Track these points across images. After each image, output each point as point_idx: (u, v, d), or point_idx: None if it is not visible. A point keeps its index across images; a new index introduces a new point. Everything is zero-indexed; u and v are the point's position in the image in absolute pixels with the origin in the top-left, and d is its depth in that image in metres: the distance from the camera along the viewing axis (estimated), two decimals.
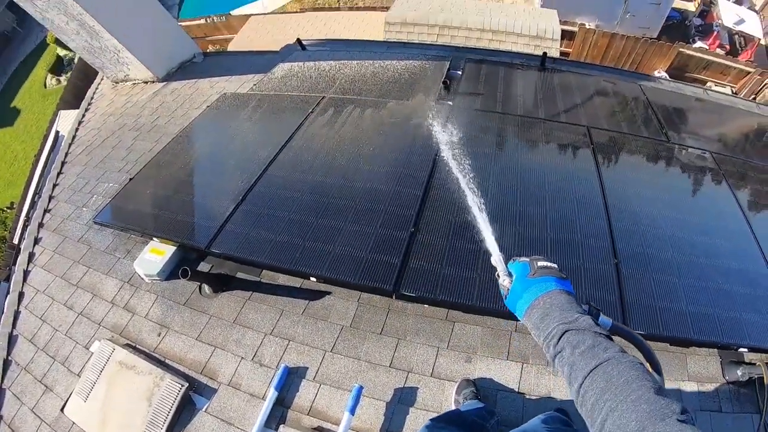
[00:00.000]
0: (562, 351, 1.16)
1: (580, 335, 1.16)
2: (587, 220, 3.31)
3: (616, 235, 3.20)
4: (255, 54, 7.20)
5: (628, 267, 2.97)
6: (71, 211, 4.77)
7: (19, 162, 23.75)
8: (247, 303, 3.37)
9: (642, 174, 3.94)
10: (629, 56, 12.42)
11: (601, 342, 1.13)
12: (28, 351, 3.74)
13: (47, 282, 4.13)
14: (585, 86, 5.19)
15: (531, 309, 1.29)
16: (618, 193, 3.59)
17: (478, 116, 4.50)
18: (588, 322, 1.19)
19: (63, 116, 12.46)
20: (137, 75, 6.86)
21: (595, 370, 1.07)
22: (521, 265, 1.39)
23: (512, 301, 1.37)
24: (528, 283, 1.32)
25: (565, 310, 1.23)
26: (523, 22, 9.83)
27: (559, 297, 1.27)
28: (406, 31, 10.24)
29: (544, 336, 1.22)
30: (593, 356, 1.10)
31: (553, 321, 1.22)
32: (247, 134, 4.62)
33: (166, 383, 3.03)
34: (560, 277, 1.33)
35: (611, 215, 3.35)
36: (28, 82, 27.96)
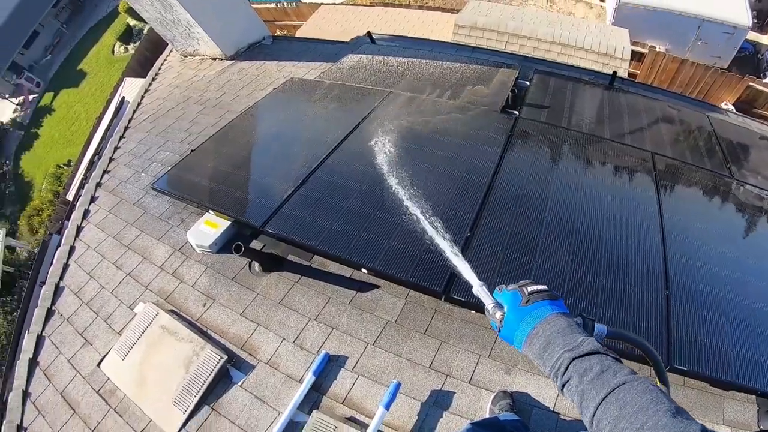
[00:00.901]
0: (570, 380, 1.11)
1: (587, 361, 1.10)
2: (642, 246, 3.22)
3: (670, 265, 3.09)
4: (324, 42, 7.24)
5: (678, 299, 2.87)
6: (130, 174, 4.88)
7: (81, 122, 24.52)
8: (295, 286, 3.37)
9: (701, 207, 3.82)
10: (697, 84, 12.05)
11: (609, 366, 1.07)
12: (72, 303, 3.83)
13: (99, 240, 4.23)
14: (651, 110, 5.05)
15: (530, 339, 1.23)
16: (676, 223, 3.47)
17: (544, 129, 4.42)
18: (593, 344, 1.13)
19: (128, 83, 12.82)
20: (206, 51, 6.99)
21: (607, 398, 1.00)
22: (511, 294, 1.32)
23: (508, 333, 1.29)
24: (522, 313, 1.26)
25: (567, 334, 1.17)
26: (594, 38, 9.67)
27: (557, 322, 1.21)
28: (475, 36, 10.17)
29: (550, 366, 1.16)
30: (603, 383, 1.04)
31: (556, 349, 1.16)
32: (312, 120, 4.65)
33: (206, 353, 3.06)
34: (553, 299, 1.27)
35: (667, 245, 3.24)
36: (96, 47, 28.83)
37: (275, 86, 5.66)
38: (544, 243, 3.17)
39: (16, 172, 26.45)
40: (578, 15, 16.12)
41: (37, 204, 18.98)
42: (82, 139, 17.30)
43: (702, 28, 13.32)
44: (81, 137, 20.10)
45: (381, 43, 6.67)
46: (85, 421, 3.10)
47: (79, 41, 30.42)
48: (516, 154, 4.02)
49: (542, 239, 3.19)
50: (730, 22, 12.95)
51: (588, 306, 2.78)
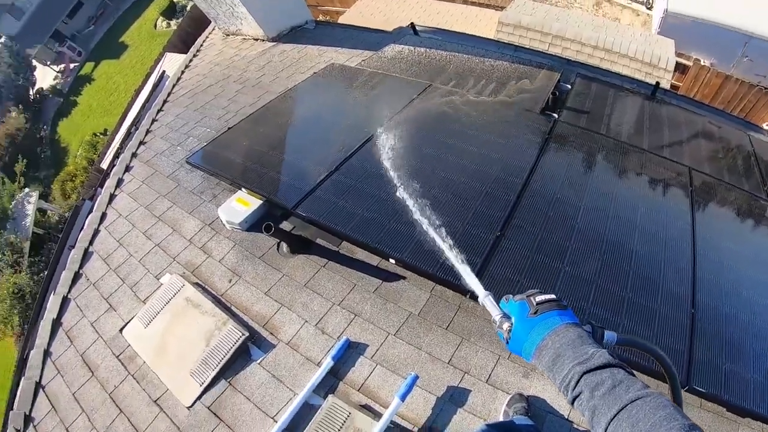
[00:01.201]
0: (581, 394, 1.07)
1: (599, 375, 1.06)
2: (672, 262, 3.15)
3: (699, 284, 3.01)
4: (366, 30, 7.23)
5: (704, 320, 2.80)
6: (165, 147, 4.95)
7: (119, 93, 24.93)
8: (321, 270, 3.38)
9: (735, 227, 3.74)
10: (740, 102, 11.76)
11: (621, 381, 1.03)
12: (100, 269, 3.90)
13: (131, 209, 4.30)
14: (692, 124, 4.94)
15: (540, 351, 1.19)
16: (708, 242, 3.39)
17: (582, 134, 4.35)
18: (604, 356, 1.09)
19: (168, 58, 12.97)
20: (248, 31, 7.02)
21: (619, 415, 0.97)
22: (518, 305, 1.29)
23: (516, 345, 1.27)
24: (531, 324, 1.23)
25: (577, 346, 1.14)
26: (638, 46, 9.48)
27: (567, 333, 1.18)
28: (518, 35, 10.05)
29: (560, 379, 1.13)
30: (615, 399, 1.00)
31: (566, 362, 1.12)
32: (350, 106, 4.65)
33: (228, 329, 3.09)
34: (562, 309, 1.24)
35: (697, 263, 3.16)
36: (138, 21, 29.27)
37: (315, 70, 5.67)
38: (574, 249, 3.12)
39: (52, 137, 27.01)
40: (624, 21, 15.83)
41: (71, 170, 19.37)
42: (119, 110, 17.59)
43: (749, 44, 13.01)
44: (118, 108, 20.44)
45: (424, 35, 6.62)
46: (102, 384, 3.16)
47: (122, 14, 30.91)
48: (552, 157, 3.97)
49: (572, 245, 3.15)
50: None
51: (612, 317, 2.74)
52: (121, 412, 2.99)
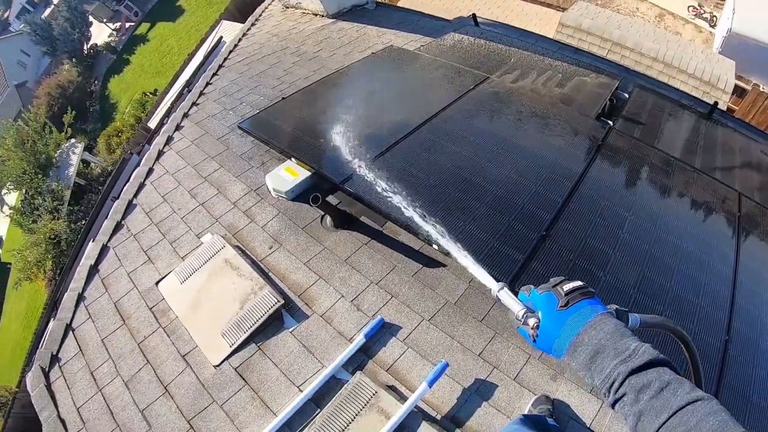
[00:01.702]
0: (625, 396, 0.98)
1: (644, 377, 0.96)
2: (711, 286, 3.08)
3: (736, 312, 2.94)
4: (426, 17, 7.17)
5: (737, 348, 2.73)
6: (218, 111, 5.00)
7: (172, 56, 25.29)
8: (362, 247, 3.39)
9: None
10: None
11: (669, 382, 0.95)
12: (142, 222, 3.98)
13: (178, 167, 4.36)
14: (746, 150, 4.81)
15: (574, 348, 1.08)
16: (751, 271, 3.30)
17: (635, 145, 4.27)
18: (649, 351, 1.00)
19: (225, 25, 13.07)
20: (309, 5, 7.04)
21: (668, 423, 0.89)
22: (544, 297, 1.16)
23: (545, 342, 1.14)
24: (561, 318, 1.11)
25: (617, 340, 1.03)
26: (699, 63, 9.24)
27: (604, 326, 1.06)
28: (578, 37, 9.91)
29: (601, 380, 1.02)
30: (665, 404, 0.92)
31: (607, 359, 1.01)
32: (405, 89, 4.63)
33: (264, 294, 3.11)
34: (590, 297, 1.13)
35: (737, 291, 3.08)
36: None
37: (373, 51, 5.66)
38: (615, 259, 3.07)
39: (102, 92, 27.59)
40: (685, 36, 15.46)
41: (119, 125, 19.75)
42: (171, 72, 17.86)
43: None
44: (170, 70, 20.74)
45: (485, 27, 6.55)
46: (132, 334, 3.22)
47: None
48: (603, 164, 3.90)
49: (615, 255, 3.09)
50: None
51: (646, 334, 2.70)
52: (148, 363, 3.05)
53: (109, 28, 32.03)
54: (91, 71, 29.63)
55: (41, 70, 32.06)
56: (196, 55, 12.72)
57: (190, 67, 12.03)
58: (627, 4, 16.87)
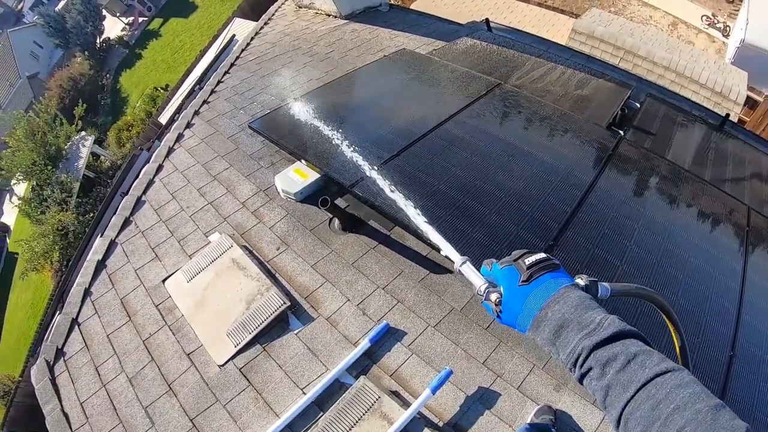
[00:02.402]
0: (591, 371, 0.93)
1: (610, 349, 0.92)
2: (717, 301, 3.06)
3: (741, 327, 2.92)
4: (439, 20, 7.17)
5: (742, 363, 2.72)
6: (229, 109, 5.01)
7: (184, 52, 25.41)
8: (370, 251, 3.39)
9: None
10: None
11: (636, 354, 0.90)
12: (150, 218, 3.99)
13: (188, 164, 4.38)
14: (756, 163, 4.77)
15: (537, 323, 1.03)
16: (757, 287, 3.28)
17: (645, 156, 4.25)
18: (614, 324, 0.95)
19: (237, 23, 13.13)
20: (322, 6, 7.05)
21: (636, 396, 0.86)
22: (506, 271, 1.11)
23: (509, 318, 1.10)
24: (523, 292, 1.06)
25: (581, 313, 0.98)
26: (711, 74, 9.21)
27: (568, 298, 1.01)
28: (590, 44, 9.93)
29: (565, 355, 0.98)
30: (631, 377, 0.88)
31: (571, 334, 0.97)
32: (418, 94, 4.63)
33: (270, 295, 3.12)
34: (554, 269, 1.08)
35: (743, 306, 3.06)
36: None
37: (386, 53, 5.67)
38: (622, 270, 3.06)
39: (114, 86, 27.75)
40: (698, 46, 15.39)
41: (129, 120, 19.85)
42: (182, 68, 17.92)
43: None
44: (182, 66, 20.82)
45: (497, 32, 6.56)
46: (138, 330, 3.24)
47: None
48: (613, 174, 3.89)
49: (622, 267, 3.08)
50: None
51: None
52: (153, 360, 3.06)
53: (122, 23, 32.24)
54: (103, 65, 29.82)
55: (54, 63, 32.31)
56: (208, 52, 12.79)
57: (201, 63, 12.09)
58: (640, 12, 16.83)
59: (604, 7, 17.08)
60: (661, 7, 16.88)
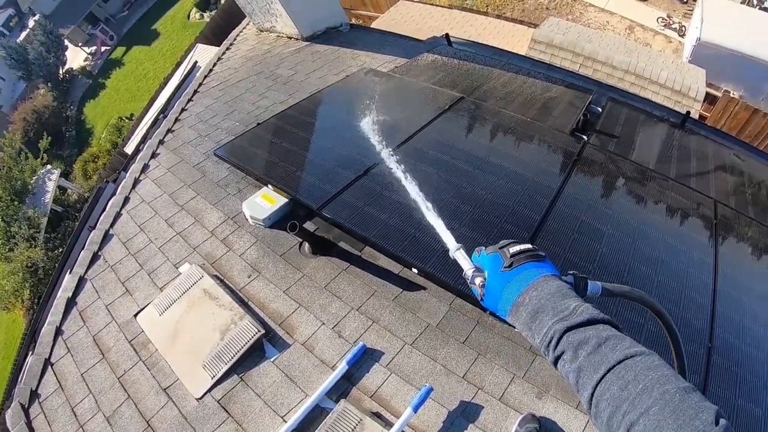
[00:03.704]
0: (563, 354, 0.98)
1: (582, 333, 0.97)
2: (692, 295, 3.10)
3: (717, 319, 2.97)
4: (400, 37, 7.22)
5: (720, 355, 2.76)
6: (193, 137, 4.99)
7: (148, 80, 25.24)
8: (342, 273, 3.38)
9: (757, 264, 3.70)
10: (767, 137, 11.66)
11: (608, 338, 0.94)
12: (119, 252, 3.92)
13: (155, 195, 4.34)
14: (719, 157, 4.88)
15: (516, 308, 1.09)
16: (729, 278, 3.33)
17: (610, 159, 4.32)
18: (588, 311, 1.00)
19: (200, 49, 13.11)
20: (283, 29, 7.07)
21: (606, 377, 0.89)
22: (491, 257, 1.18)
23: (491, 301, 1.16)
24: (505, 278, 1.13)
25: (557, 300, 1.04)
26: (669, 73, 9.42)
27: (546, 286, 1.07)
28: (550, 53, 10.08)
29: (540, 338, 1.03)
30: (602, 358, 0.92)
31: (546, 318, 1.02)
32: (381, 112, 4.64)
33: (244, 324, 3.09)
34: (538, 259, 1.15)
35: (717, 298, 3.11)
36: (172, 10, 29.69)
37: (348, 73, 5.69)
38: (594, 274, 3.08)
39: (78, 117, 27.41)
40: (656, 47, 15.78)
41: (95, 151, 19.61)
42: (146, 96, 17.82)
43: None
44: (146, 94, 20.69)
45: (458, 46, 6.62)
46: (112, 368, 3.17)
47: (157, 2, 31.27)
48: (579, 179, 3.94)
49: (593, 270, 3.12)
50: None
51: None
52: (129, 398, 2.99)
53: (85, 52, 31.93)
54: (66, 96, 29.46)
55: (16, 95, 31.83)
56: (171, 80, 12.73)
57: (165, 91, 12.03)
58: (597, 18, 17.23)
59: (562, 15, 17.46)
60: (618, 12, 17.30)
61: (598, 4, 17.88)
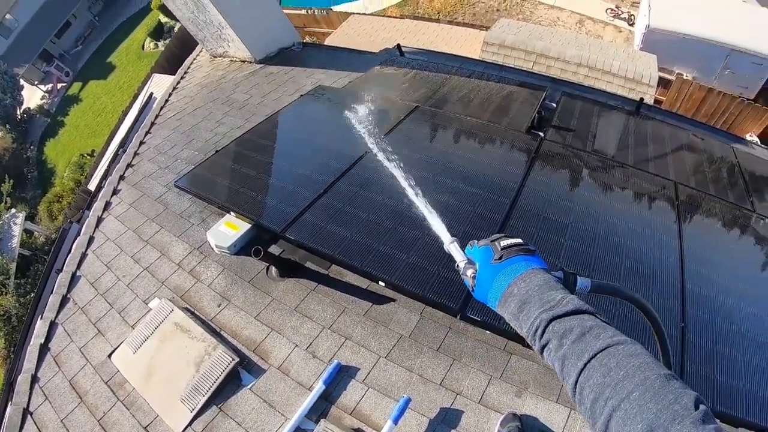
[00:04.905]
0: (549, 343, 1.01)
1: (567, 322, 1.00)
2: (660, 277, 3.17)
3: (688, 298, 3.03)
4: (353, 52, 7.30)
5: (694, 333, 2.82)
6: (153, 170, 4.95)
7: (107, 114, 24.91)
8: (311, 293, 3.38)
9: (722, 240, 3.78)
10: (723, 114, 11.85)
11: (592, 327, 0.97)
12: (87, 293, 3.87)
13: (119, 232, 4.29)
14: (676, 139, 5.01)
15: (505, 298, 1.13)
16: (695, 255, 3.41)
17: (568, 152, 4.40)
18: (574, 302, 1.03)
19: (156, 79, 13.01)
20: (236, 53, 7.07)
21: (589, 364, 0.92)
22: (482, 250, 1.23)
23: (481, 292, 1.21)
24: (495, 270, 1.17)
25: (544, 292, 1.07)
26: (621, 63, 9.64)
27: (534, 278, 1.11)
28: (503, 54, 10.22)
29: (527, 327, 1.06)
30: (586, 346, 0.94)
31: (533, 309, 1.06)
32: (338, 129, 4.67)
33: (218, 354, 3.07)
34: (528, 253, 1.19)
35: (686, 277, 3.18)
36: (126, 42, 29.34)
37: (303, 92, 5.70)
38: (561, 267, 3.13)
39: (39, 157, 26.88)
40: (607, 38, 16.11)
41: (58, 191, 19.23)
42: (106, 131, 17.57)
43: (730, 57, 13.23)
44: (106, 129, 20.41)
45: (410, 56, 6.69)
46: (91, 411, 3.11)
47: (111, 34, 30.95)
48: (539, 176, 4.01)
49: (559, 263, 3.16)
50: (760, 52, 12.86)
51: None
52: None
53: (41, 91, 31.37)
54: (26, 136, 28.87)
55: None
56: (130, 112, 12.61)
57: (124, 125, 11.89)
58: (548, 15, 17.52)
59: (512, 15, 17.73)
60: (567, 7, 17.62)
61: (548, 1, 18.21)
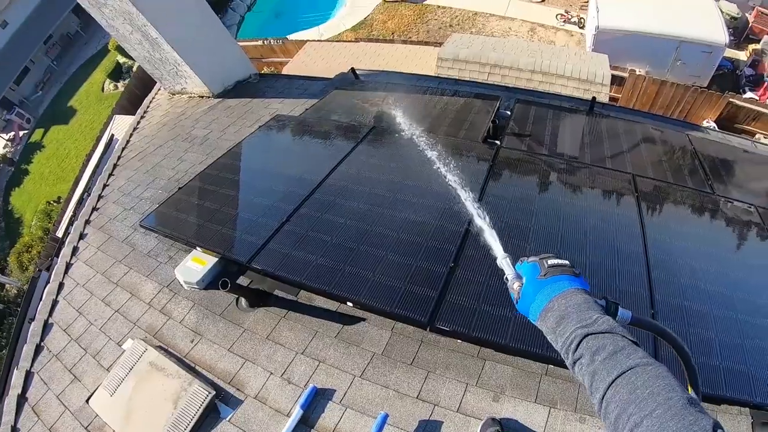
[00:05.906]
0: (581, 358, 1.08)
1: (601, 340, 1.07)
2: (626, 268, 3.25)
3: (655, 285, 3.11)
4: (309, 79, 7.38)
5: (665, 318, 2.89)
6: (118, 212, 4.95)
7: (71, 159, 24.59)
8: (282, 321, 3.41)
9: (684, 225, 3.87)
10: (678, 104, 12.21)
11: (624, 347, 1.04)
12: (61, 340, 3.85)
13: (88, 276, 4.28)
14: (632, 133, 5.13)
15: (545, 312, 1.22)
16: (659, 244, 3.50)
17: (525, 158, 4.51)
18: (609, 323, 1.10)
19: (117, 120, 12.94)
20: (194, 89, 7.11)
21: (618, 380, 0.98)
22: (530, 266, 1.32)
23: (524, 305, 1.30)
24: (540, 285, 1.26)
25: (582, 311, 1.15)
26: (574, 65, 9.87)
27: (574, 297, 1.19)
28: (457, 68, 10.39)
29: (562, 341, 1.14)
30: (615, 364, 1.01)
31: (570, 324, 1.13)
32: (297, 156, 4.73)
33: (194, 389, 3.08)
34: (573, 275, 1.27)
35: (651, 265, 3.27)
36: (86, 84, 29.05)
37: (261, 123, 5.75)
38: None
39: (5, 208, 26.36)
40: (559, 43, 16.50)
41: (27, 240, 18.85)
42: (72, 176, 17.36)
43: (680, 48, 13.63)
44: (71, 174, 20.14)
45: (365, 78, 6.81)
46: None
47: (70, 78, 30.63)
48: (497, 183, 4.10)
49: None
50: (707, 41, 13.29)
51: None
52: None
53: (3, 139, 30.89)
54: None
55: None
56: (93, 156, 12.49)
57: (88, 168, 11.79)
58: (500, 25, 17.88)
59: (465, 30, 18.06)
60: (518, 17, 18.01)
61: (498, 12, 18.57)
